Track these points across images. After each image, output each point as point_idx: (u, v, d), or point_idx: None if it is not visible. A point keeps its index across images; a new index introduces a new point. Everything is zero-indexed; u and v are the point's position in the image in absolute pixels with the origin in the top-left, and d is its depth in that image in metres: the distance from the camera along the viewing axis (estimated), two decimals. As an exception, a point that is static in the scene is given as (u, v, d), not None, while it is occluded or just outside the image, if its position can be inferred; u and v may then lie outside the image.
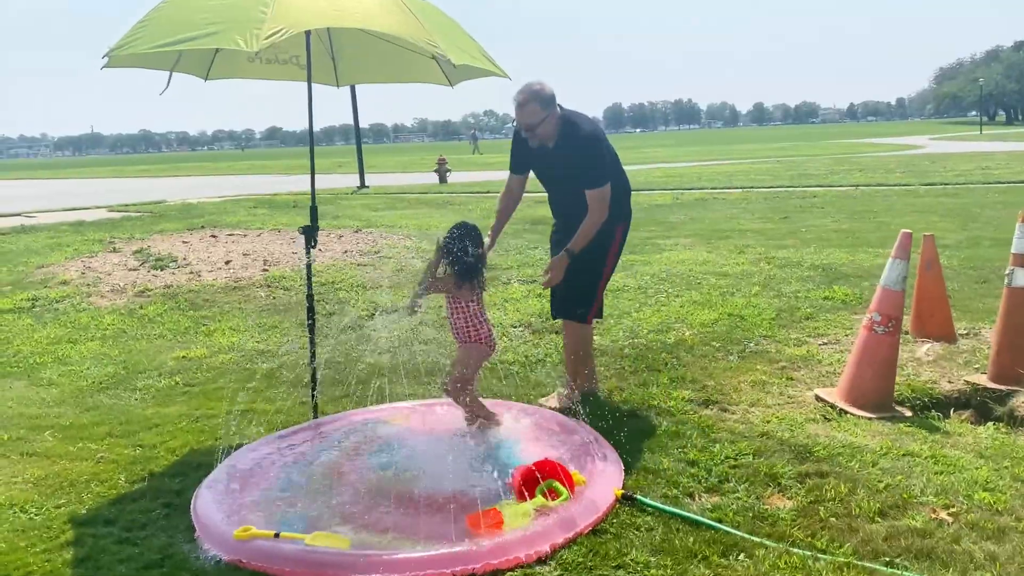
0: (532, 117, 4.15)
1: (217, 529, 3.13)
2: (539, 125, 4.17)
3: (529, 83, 4.21)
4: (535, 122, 4.16)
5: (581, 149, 4.21)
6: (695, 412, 4.35)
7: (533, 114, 4.15)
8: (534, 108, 4.14)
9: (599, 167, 4.22)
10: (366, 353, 5.61)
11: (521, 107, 4.16)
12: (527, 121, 4.17)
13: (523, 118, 4.17)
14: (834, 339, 5.65)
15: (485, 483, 3.43)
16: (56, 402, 4.91)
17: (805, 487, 3.41)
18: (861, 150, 36.66)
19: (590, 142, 4.24)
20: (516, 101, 4.17)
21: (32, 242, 12.41)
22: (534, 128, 4.18)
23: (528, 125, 4.18)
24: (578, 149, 4.21)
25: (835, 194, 15.89)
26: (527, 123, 4.17)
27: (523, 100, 4.15)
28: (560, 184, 4.40)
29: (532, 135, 4.23)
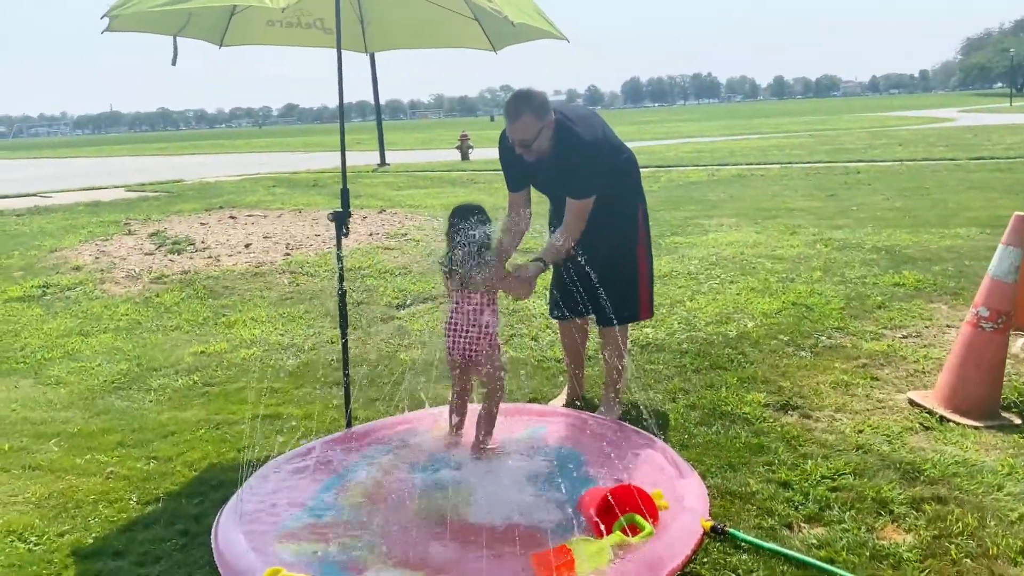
0: (527, 132, 3.50)
1: (242, 570, 2.67)
2: (535, 139, 3.54)
3: (517, 92, 3.58)
4: (530, 137, 3.52)
5: (576, 158, 3.60)
6: (775, 419, 3.86)
7: (527, 128, 3.50)
8: (528, 121, 3.49)
9: (590, 178, 3.62)
10: (401, 348, 5.15)
11: (512, 120, 3.52)
12: (521, 137, 3.52)
13: (516, 134, 3.53)
14: (915, 332, 5.11)
15: (551, 512, 2.95)
16: (64, 405, 4.49)
17: (924, 517, 2.91)
18: (891, 123, 35.64)
19: (590, 151, 3.62)
20: (505, 115, 3.55)
21: (46, 224, 12.04)
22: (530, 144, 3.55)
23: (523, 141, 3.53)
24: (573, 158, 3.60)
25: (879, 169, 15.20)
26: (521, 139, 3.53)
27: (513, 112, 3.51)
28: (561, 191, 3.71)
29: (528, 151, 3.59)
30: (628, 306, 3.91)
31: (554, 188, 3.79)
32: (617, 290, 3.82)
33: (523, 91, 3.56)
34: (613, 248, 3.82)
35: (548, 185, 3.82)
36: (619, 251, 3.86)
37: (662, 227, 9.33)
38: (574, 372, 4.21)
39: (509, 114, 3.53)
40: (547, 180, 3.77)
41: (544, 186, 3.85)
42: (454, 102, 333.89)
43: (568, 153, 3.59)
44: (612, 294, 3.80)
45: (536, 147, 3.56)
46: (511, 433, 3.71)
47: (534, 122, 3.49)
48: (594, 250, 3.70)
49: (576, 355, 4.20)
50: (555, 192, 3.80)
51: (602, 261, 3.72)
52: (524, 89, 3.57)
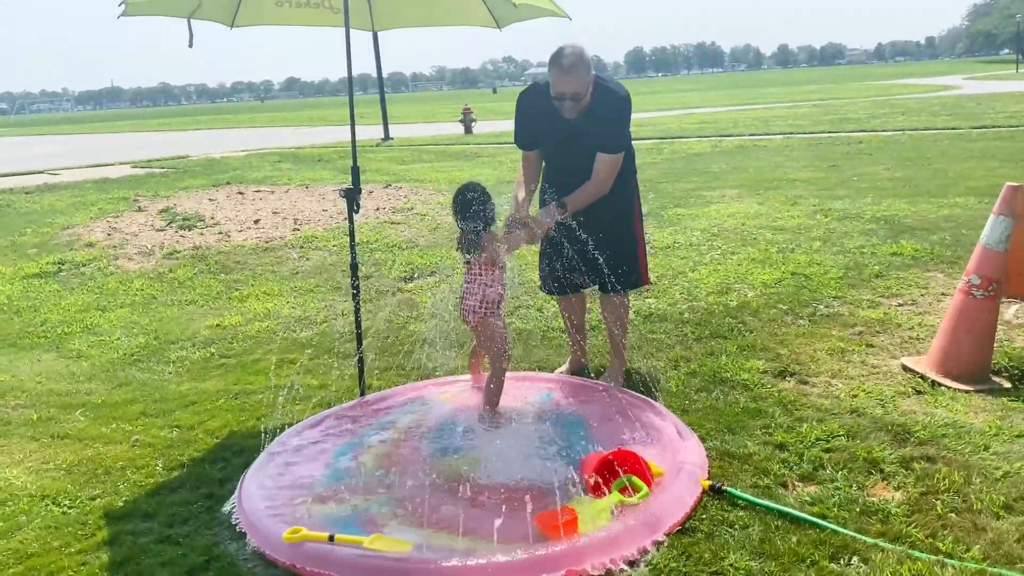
0: (580, 84, 3.60)
1: (265, 529, 2.84)
2: (586, 94, 3.64)
3: (567, 46, 3.64)
4: (583, 90, 3.62)
5: (614, 112, 3.71)
6: (773, 385, 4.00)
7: (580, 80, 3.59)
8: (581, 74, 3.58)
9: (624, 132, 3.76)
10: (411, 319, 5.30)
11: (567, 73, 3.58)
12: (575, 89, 3.59)
13: (570, 86, 3.59)
14: (910, 300, 5.24)
15: (555, 474, 3.10)
16: (87, 377, 4.65)
17: (913, 475, 3.06)
18: (895, 92, 35.45)
19: (624, 105, 3.74)
20: (559, 66, 3.58)
21: (56, 201, 12.17)
22: (581, 97, 3.65)
23: (575, 95, 3.61)
24: (610, 112, 3.71)
25: (881, 139, 15.22)
26: (575, 91, 3.60)
27: (569, 65, 3.57)
28: (582, 154, 3.77)
29: (573, 106, 3.67)
30: (633, 272, 4.02)
31: (579, 146, 3.78)
32: (620, 257, 3.93)
33: (572, 46, 3.63)
34: (617, 215, 3.92)
35: (572, 143, 3.81)
36: (622, 218, 3.97)
37: (664, 199, 9.44)
38: (577, 342, 4.34)
39: (564, 68, 3.57)
40: (573, 138, 3.78)
41: (567, 145, 3.85)
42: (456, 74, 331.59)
43: (607, 108, 3.70)
44: (616, 261, 3.91)
45: (582, 102, 3.66)
46: (518, 399, 3.86)
47: (585, 75, 3.60)
48: (599, 217, 3.81)
49: (578, 326, 4.32)
50: (578, 150, 3.79)
51: (606, 228, 3.84)
52: (570, 44, 3.64)
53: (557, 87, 3.64)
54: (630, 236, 4.03)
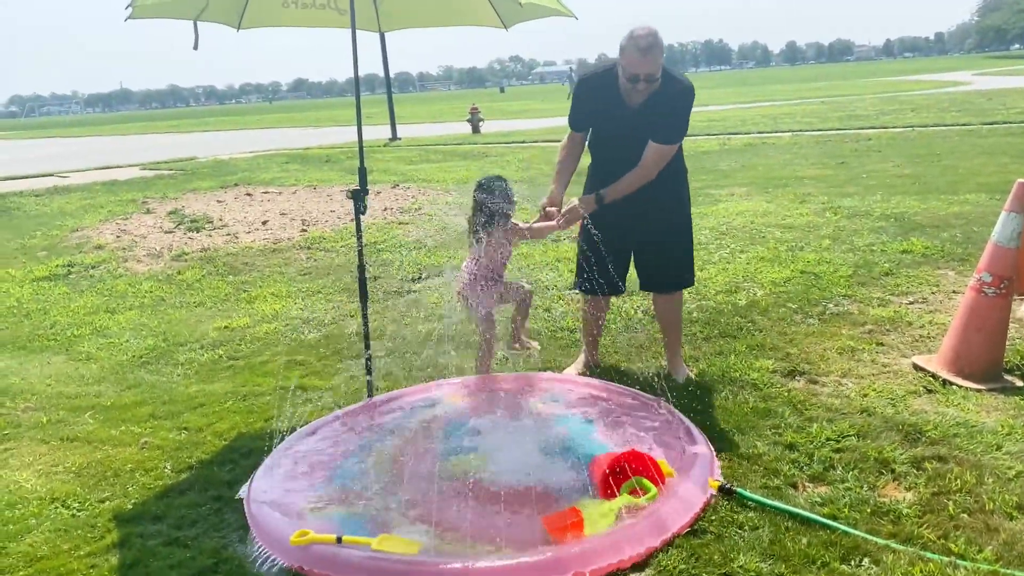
0: (655, 66, 3.55)
1: (273, 531, 2.84)
2: (659, 76, 3.60)
3: (640, 27, 3.59)
4: (657, 72, 3.57)
5: (678, 102, 3.70)
6: (782, 385, 3.98)
7: (656, 62, 3.54)
8: (657, 55, 3.53)
9: (683, 125, 3.75)
10: (418, 320, 5.29)
11: (645, 53, 3.52)
12: (650, 70, 3.54)
13: (646, 67, 3.54)
14: (921, 297, 5.20)
15: (563, 476, 3.09)
16: (96, 379, 4.66)
17: (924, 475, 3.03)
18: (904, 88, 35.26)
19: (689, 96, 3.73)
20: (638, 47, 3.52)
21: (66, 204, 12.22)
22: (656, 80, 3.59)
23: (650, 76, 3.56)
24: (675, 101, 3.69)
25: (891, 136, 15.14)
26: (650, 72, 3.55)
27: (646, 46, 3.51)
28: (638, 142, 3.75)
29: (645, 88, 3.61)
30: (687, 270, 4.06)
31: (636, 135, 3.73)
32: (679, 253, 3.98)
33: (647, 27, 3.60)
34: (675, 211, 3.93)
35: (630, 131, 3.74)
36: (679, 214, 3.97)
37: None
38: (592, 342, 4.33)
39: (641, 49, 3.53)
40: (631, 126, 3.73)
41: (623, 132, 3.78)
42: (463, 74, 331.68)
43: (672, 97, 3.68)
44: (675, 257, 3.97)
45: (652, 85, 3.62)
46: (527, 400, 3.85)
47: (660, 57, 3.58)
48: (656, 213, 3.84)
49: (597, 326, 4.30)
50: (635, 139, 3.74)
51: (664, 225, 3.87)
52: (642, 25, 3.61)
53: (632, 67, 3.57)
54: (689, 230, 4.04)
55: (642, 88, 3.63)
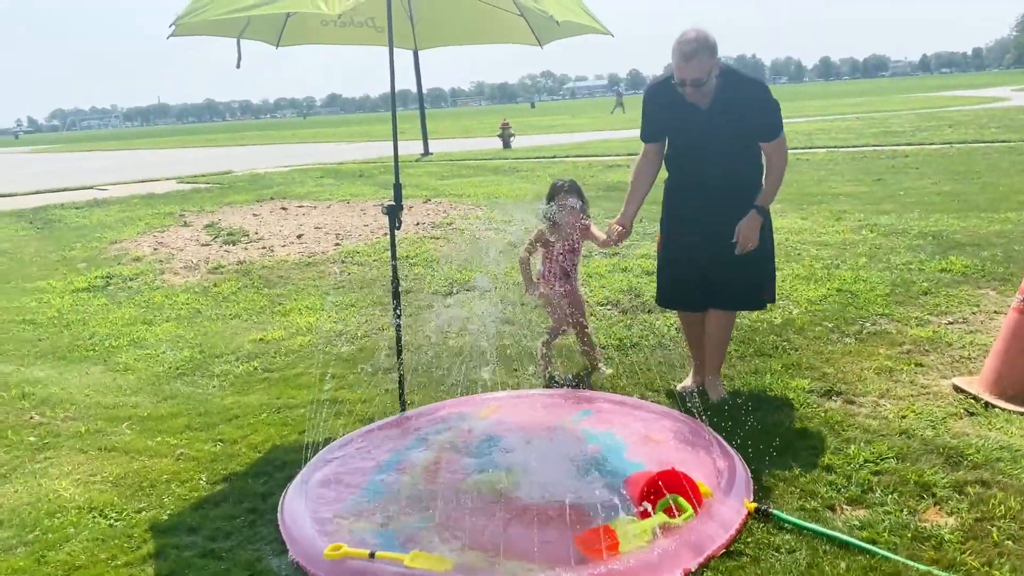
0: (701, 71, 3.54)
1: (307, 545, 2.85)
2: (708, 80, 3.59)
3: (689, 31, 3.59)
4: (704, 77, 3.56)
5: (753, 97, 3.68)
6: (819, 405, 3.92)
7: (702, 67, 3.54)
8: (703, 60, 3.53)
9: (776, 114, 3.71)
10: (450, 335, 5.30)
11: (688, 60, 3.53)
12: (696, 76, 3.55)
13: (691, 73, 3.55)
14: (961, 318, 5.11)
15: (596, 494, 3.07)
16: (133, 390, 4.73)
17: (967, 500, 2.97)
18: (942, 104, 34.80)
19: (762, 88, 3.71)
20: (680, 53, 3.54)
21: (105, 216, 12.46)
22: (702, 83, 3.59)
23: (695, 81, 3.57)
24: (749, 98, 3.67)
25: (928, 153, 14.93)
26: (695, 78, 3.56)
27: (690, 51, 3.52)
28: (716, 147, 3.75)
29: (693, 92, 3.62)
30: (767, 287, 3.98)
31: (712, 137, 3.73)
32: (755, 273, 3.90)
33: (696, 30, 3.58)
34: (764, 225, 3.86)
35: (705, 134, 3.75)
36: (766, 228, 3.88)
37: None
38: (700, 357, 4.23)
39: (686, 55, 3.53)
40: (698, 132, 3.75)
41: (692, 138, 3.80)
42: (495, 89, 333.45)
43: (743, 95, 3.67)
44: (751, 278, 3.89)
45: (706, 88, 3.61)
46: (559, 418, 3.84)
47: (708, 61, 3.55)
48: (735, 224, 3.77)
49: (701, 341, 4.19)
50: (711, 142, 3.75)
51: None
52: (693, 28, 3.60)
53: (678, 72, 3.60)
54: (769, 244, 3.94)
55: (689, 92, 3.62)
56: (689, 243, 3.88)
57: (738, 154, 3.78)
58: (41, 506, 3.36)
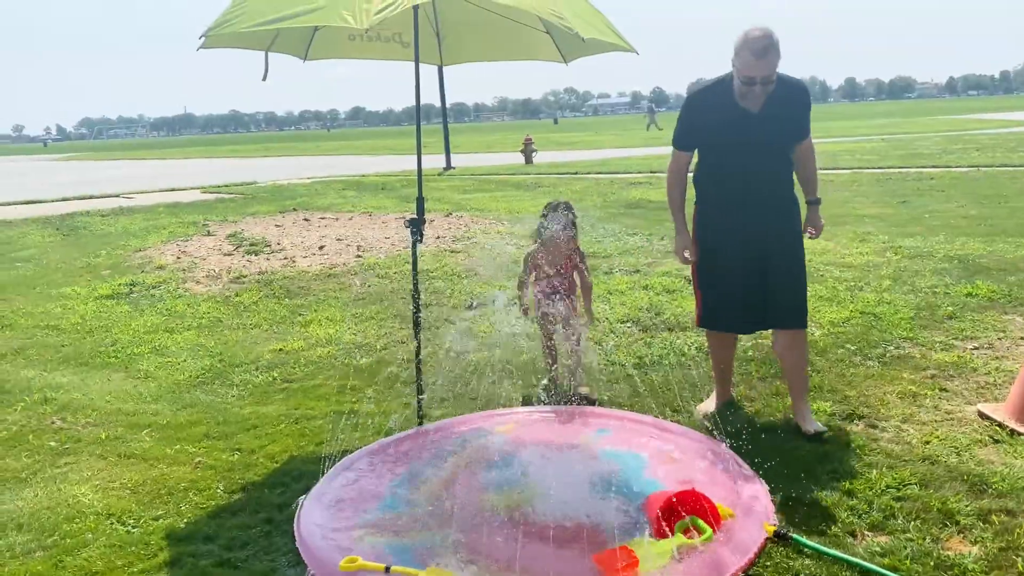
0: (773, 68, 3.49)
1: (322, 557, 2.84)
2: (774, 80, 3.53)
3: (755, 28, 3.50)
4: (773, 74, 3.51)
5: (799, 98, 3.70)
6: (840, 429, 3.88)
7: (773, 65, 3.48)
8: (773, 57, 3.47)
9: (809, 111, 3.81)
10: (469, 349, 5.30)
11: (760, 57, 3.45)
12: (767, 73, 3.48)
13: (763, 70, 3.47)
14: (987, 343, 5.04)
15: (614, 513, 3.04)
16: (153, 397, 4.76)
17: (991, 528, 2.92)
18: (969, 127, 34.52)
19: (804, 88, 3.75)
20: (751, 50, 3.45)
21: (129, 224, 12.60)
22: (772, 83, 3.53)
23: (767, 79, 3.50)
24: (796, 98, 3.69)
25: (954, 176, 14.80)
26: (766, 75, 3.49)
27: (761, 48, 3.44)
28: (765, 152, 3.70)
29: (761, 91, 3.54)
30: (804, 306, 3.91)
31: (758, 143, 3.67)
32: (800, 284, 3.86)
33: (762, 28, 3.52)
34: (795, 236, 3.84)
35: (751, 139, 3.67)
36: (794, 242, 3.84)
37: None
38: (723, 378, 4.21)
39: (758, 52, 3.46)
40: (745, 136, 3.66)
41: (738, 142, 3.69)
42: (518, 105, 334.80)
43: (791, 97, 3.69)
44: (799, 289, 3.85)
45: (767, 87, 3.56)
46: (577, 436, 3.81)
47: (777, 60, 3.52)
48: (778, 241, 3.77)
49: (726, 361, 4.20)
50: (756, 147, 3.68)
51: (787, 253, 3.78)
52: (758, 27, 3.54)
53: (747, 70, 3.51)
54: (803, 259, 3.91)
55: (758, 91, 3.56)
56: (734, 264, 3.79)
57: (781, 159, 3.78)
58: (60, 511, 3.38)
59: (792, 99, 3.69)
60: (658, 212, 11.57)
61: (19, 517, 3.34)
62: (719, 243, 3.85)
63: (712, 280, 3.94)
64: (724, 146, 3.77)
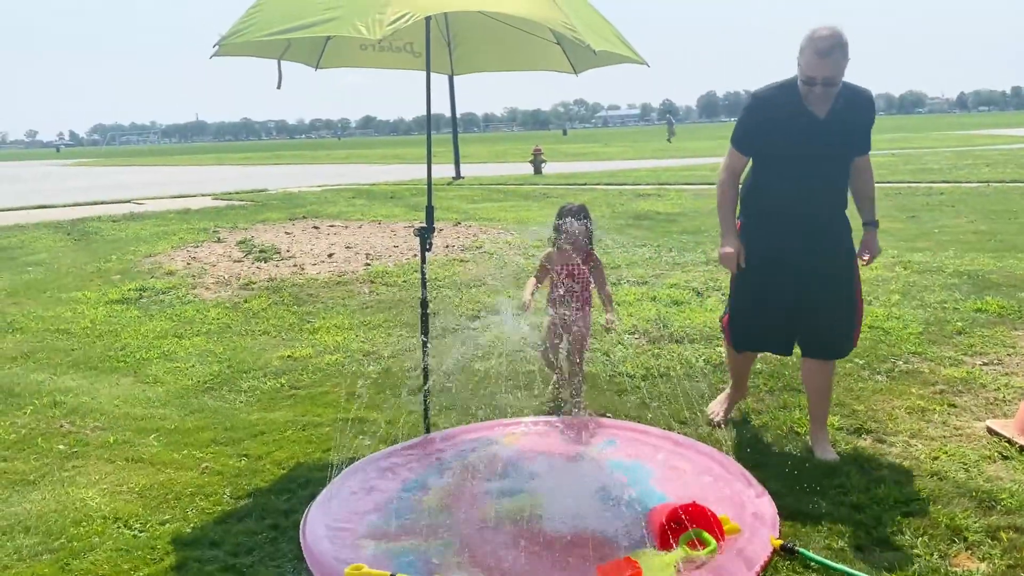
0: (836, 70, 3.34)
1: (328, 564, 2.85)
2: (839, 84, 3.40)
3: (822, 27, 3.35)
4: (839, 76, 3.37)
5: (865, 108, 3.56)
6: (848, 443, 3.87)
7: (838, 66, 3.33)
8: (838, 58, 3.32)
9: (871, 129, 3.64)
10: (476, 359, 5.31)
11: (823, 56, 3.31)
12: (829, 74, 3.33)
13: (825, 70, 3.32)
14: (996, 359, 5.02)
15: (619, 524, 3.04)
16: (161, 402, 4.78)
17: (999, 546, 2.90)
18: (980, 142, 34.43)
19: (872, 103, 3.61)
20: (815, 49, 3.32)
21: (140, 230, 12.66)
22: (835, 85, 3.39)
23: (829, 80, 3.35)
24: (862, 108, 3.55)
25: (964, 191, 14.76)
26: (828, 76, 3.34)
27: (826, 48, 3.30)
28: (826, 161, 3.54)
29: (822, 93, 3.41)
30: (849, 335, 3.74)
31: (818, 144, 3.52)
32: (842, 316, 3.68)
33: (830, 27, 3.38)
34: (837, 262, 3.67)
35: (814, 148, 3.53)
36: (844, 265, 3.70)
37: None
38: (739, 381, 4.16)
39: (822, 51, 3.32)
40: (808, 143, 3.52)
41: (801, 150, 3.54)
42: (527, 115, 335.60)
43: (859, 106, 3.55)
44: (841, 318, 3.68)
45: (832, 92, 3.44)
46: (584, 446, 3.81)
47: (843, 61, 3.37)
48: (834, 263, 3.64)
49: (744, 380, 4.16)
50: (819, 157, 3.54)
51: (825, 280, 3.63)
52: (827, 25, 3.39)
53: (809, 70, 3.38)
54: (853, 283, 3.73)
55: (819, 92, 3.42)
56: (774, 286, 3.67)
57: (840, 173, 3.62)
58: (67, 514, 3.39)
59: (857, 108, 3.54)
60: (666, 224, 11.58)
61: (26, 520, 3.36)
62: (762, 262, 3.68)
63: (747, 303, 3.81)
64: (784, 149, 3.59)
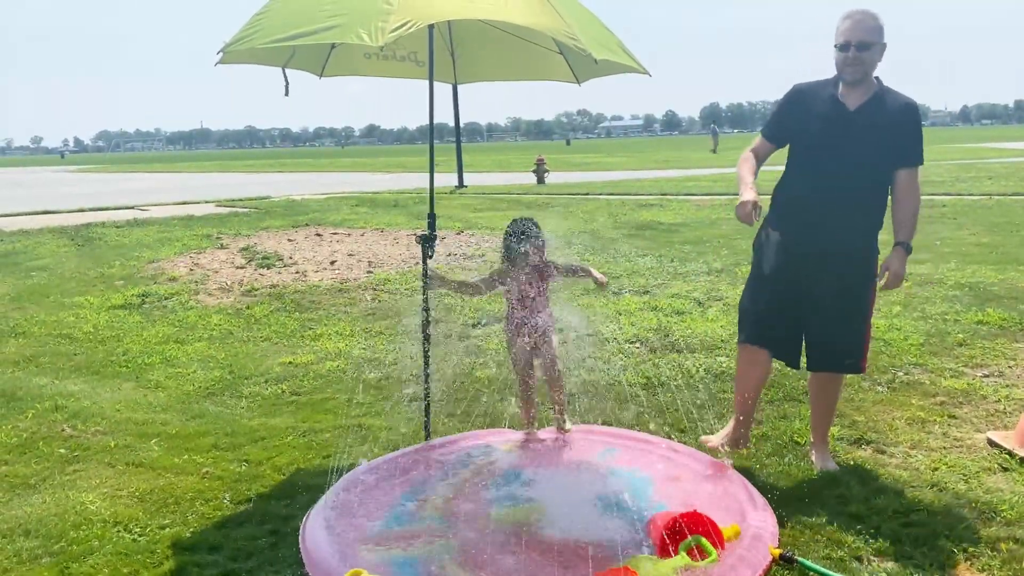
0: (868, 34, 3.36)
1: (327, 569, 2.85)
2: (869, 52, 3.36)
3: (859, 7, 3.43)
4: (871, 41, 3.36)
5: (903, 116, 3.44)
6: (848, 453, 3.87)
7: (869, 30, 3.36)
8: (869, 23, 3.37)
9: (921, 141, 3.47)
10: (476, 366, 5.31)
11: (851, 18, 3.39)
12: (862, 38, 3.35)
13: (857, 34, 3.36)
14: (997, 371, 5.02)
15: (618, 532, 3.04)
16: (163, 407, 4.79)
17: (999, 557, 2.90)
18: (983, 155, 34.45)
19: (914, 110, 3.48)
20: (846, 13, 3.40)
21: (144, 236, 12.69)
22: (867, 48, 3.35)
23: (861, 43, 3.35)
24: (898, 114, 3.44)
25: (966, 204, 14.78)
26: (860, 39, 3.35)
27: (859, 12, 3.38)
28: (851, 155, 3.44)
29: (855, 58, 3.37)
30: (853, 353, 3.65)
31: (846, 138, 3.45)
32: (846, 333, 3.60)
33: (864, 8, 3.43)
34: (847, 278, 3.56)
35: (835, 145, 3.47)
36: (854, 283, 3.58)
37: (739, 256, 9.32)
38: (746, 410, 3.80)
39: (848, 14, 3.41)
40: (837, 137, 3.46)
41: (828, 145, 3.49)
42: (531, 125, 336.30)
43: (894, 109, 3.45)
44: (839, 338, 3.59)
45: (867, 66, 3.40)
46: (583, 454, 3.82)
47: (875, 28, 3.39)
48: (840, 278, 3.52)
49: (756, 393, 3.82)
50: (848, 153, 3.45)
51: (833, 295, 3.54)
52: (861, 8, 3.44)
53: (843, 34, 3.40)
54: (864, 303, 3.64)
55: (852, 56, 3.39)
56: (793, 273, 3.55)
57: (872, 180, 3.47)
58: (68, 518, 3.40)
59: (892, 111, 3.45)
60: (668, 234, 11.59)
61: (27, 523, 3.37)
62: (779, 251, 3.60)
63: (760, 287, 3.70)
64: (808, 138, 3.56)
